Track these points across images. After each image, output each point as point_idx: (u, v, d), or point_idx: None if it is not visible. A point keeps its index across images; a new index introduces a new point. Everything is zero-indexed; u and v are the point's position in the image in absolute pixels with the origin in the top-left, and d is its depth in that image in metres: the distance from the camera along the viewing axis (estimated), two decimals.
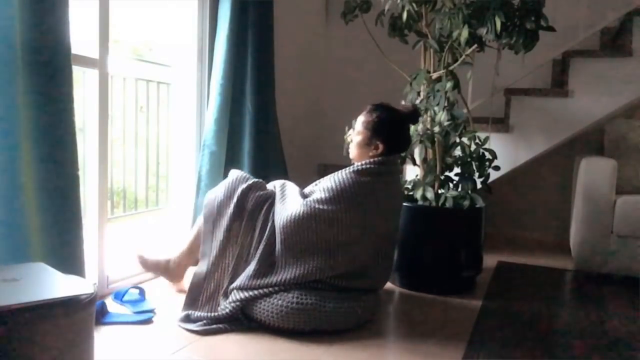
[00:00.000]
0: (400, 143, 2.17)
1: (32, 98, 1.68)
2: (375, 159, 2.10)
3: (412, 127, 2.52)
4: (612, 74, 3.07)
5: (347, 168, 2.09)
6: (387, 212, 2.15)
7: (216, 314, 1.95)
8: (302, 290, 1.95)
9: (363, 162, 2.10)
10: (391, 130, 2.12)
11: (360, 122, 2.18)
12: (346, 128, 2.65)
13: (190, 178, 2.76)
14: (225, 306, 1.96)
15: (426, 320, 2.14)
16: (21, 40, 1.64)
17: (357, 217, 2.01)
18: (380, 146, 2.11)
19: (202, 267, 2.09)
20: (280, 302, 1.90)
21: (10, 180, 1.61)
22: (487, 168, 2.53)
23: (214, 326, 1.91)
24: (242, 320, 1.95)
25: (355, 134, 2.19)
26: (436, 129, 2.48)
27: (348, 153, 2.66)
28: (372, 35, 2.72)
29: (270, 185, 2.22)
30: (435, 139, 2.51)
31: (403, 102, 2.19)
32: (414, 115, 2.19)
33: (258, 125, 2.88)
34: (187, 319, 1.96)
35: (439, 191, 2.55)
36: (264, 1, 2.91)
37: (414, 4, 2.52)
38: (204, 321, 1.92)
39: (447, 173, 2.60)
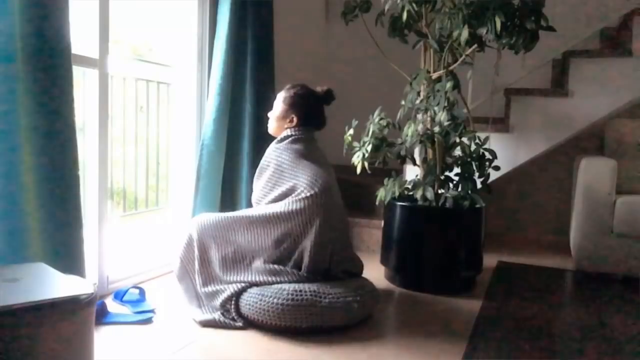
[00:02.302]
0: (313, 118, 2.30)
1: (32, 98, 1.68)
2: (291, 128, 2.27)
3: (412, 127, 2.53)
4: (612, 74, 3.07)
5: (270, 146, 2.28)
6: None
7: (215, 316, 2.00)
8: (297, 286, 1.96)
9: (281, 134, 2.28)
10: (305, 106, 2.28)
11: (279, 97, 2.33)
12: (346, 128, 2.66)
13: (190, 178, 2.76)
14: (218, 316, 1.99)
15: (426, 320, 2.14)
16: (21, 40, 1.64)
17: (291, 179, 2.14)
18: (295, 119, 2.27)
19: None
20: (275, 300, 1.91)
21: (11, 180, 1.61)
22: (487, 168, 2.53)
23: (211, 317, 1.97)
24: (236, 320, 1.97)
25: (274, 109, 2.33)
26: (436, 129, 2.48)
27: (348, 153, 2.67)
28: (372, 35, 2.72)
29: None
30: (435, 139, 2.51)
31: (318, 88, 2.34)
32: (327, 96, 2.33)
33: (257, 125, 2.88)
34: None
35: (439, 191, 2.55)
36: (264, 1, 2.91)
37: (414, 4, 2.51)
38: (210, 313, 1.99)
39: (447, 173, 2.60)
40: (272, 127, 2.34)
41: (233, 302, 1.98)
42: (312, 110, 2.30)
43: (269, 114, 2.35)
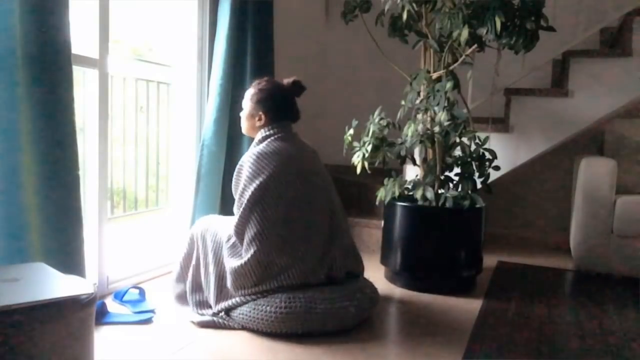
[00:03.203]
0: (282, 112, 2.19)
1: (32, 98, 1.69)
2: (264, 128, 2.16)
3: (412, 127, 2.53)
4: (612, 74, 3.07)
5: (245, 155, 2.12)
6: (305, 173, 2.11)
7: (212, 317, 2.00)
8: (290, 293, 1.92)
9: (258, 136, 2.16)
10: (272, 100, 2.17)
11: (246, 95, 2.24)
12: (346, 128, 2.66)
13: (190, 178, 2.76)
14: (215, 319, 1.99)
15: (426, 320, 2.14)
16: (21, 40, 1.64)
17: (280, 189, 2.01)
18: (263, 116, 2.17)
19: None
20: (268, 307, 1.88)
21: (11, 180, 1.61)
22: (487, 168, 2.53)
23: (209, 319, 1.97)
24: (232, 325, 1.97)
25: (244, 108, 2.24)
26: (436, 129, 2.48)
27: (348, 153, 2.67)
28: (372, 35, 2.72)
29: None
30: (435, 139, 2.51)
31: (285, 80, 2.25)
32: (295, 87, 2.24)
33: None
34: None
35: (439, 191, 2.55)
36: (264, 1, 2.91)
37: (414, 4, 2.51)
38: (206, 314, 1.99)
39: (447, 173, 2.60)
40: (244, 126, 2.24)
41: (223, 314, 1.97)
42: (280, 103, 2.20)
43: (240, 114, 2.25)
